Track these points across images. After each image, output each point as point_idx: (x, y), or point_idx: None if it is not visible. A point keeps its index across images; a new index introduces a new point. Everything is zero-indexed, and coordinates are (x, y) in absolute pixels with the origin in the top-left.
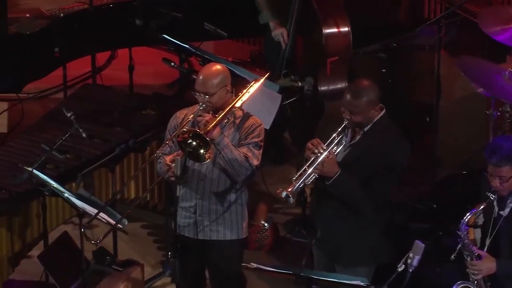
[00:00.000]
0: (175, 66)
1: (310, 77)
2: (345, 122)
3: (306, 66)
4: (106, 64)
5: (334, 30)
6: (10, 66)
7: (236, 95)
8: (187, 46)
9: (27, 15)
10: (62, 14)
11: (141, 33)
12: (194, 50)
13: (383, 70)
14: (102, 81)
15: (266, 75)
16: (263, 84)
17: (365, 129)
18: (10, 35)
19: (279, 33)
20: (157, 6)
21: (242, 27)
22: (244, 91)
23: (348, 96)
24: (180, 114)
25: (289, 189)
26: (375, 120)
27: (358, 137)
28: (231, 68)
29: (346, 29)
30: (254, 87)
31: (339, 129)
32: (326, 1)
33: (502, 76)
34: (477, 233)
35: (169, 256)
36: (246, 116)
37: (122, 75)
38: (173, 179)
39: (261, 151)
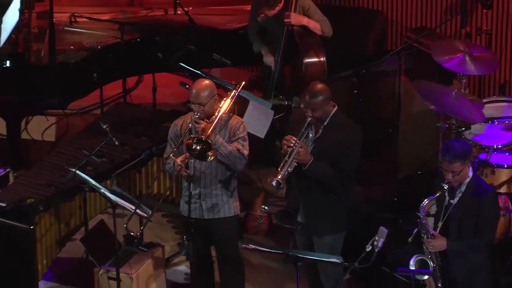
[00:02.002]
0: (189, 88)
1: (297, 96)
2: (309, 119)
3: (293, 87)
4: (134, 87)
5: (313, 60)
6: (57, 88)
7: (219, 102)
8: (199, 72)
9: (72, 47)
10: (99, 47)
11: (163, 62)
12: (205, 76)
13: (355, 92)
14: (131, 100)
15: (242, 84)
16: (259, 102)
17: (325, 123)
18: (58, 63)
19: (269, 61)
20: (175, 41)
21: (243, 57)
22: (226, 99)
23: (307, 97)
24: (178, 122)
25: (278, 177)
26: (331, 114)
27: (320, 131)
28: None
29: (322, 59)
30: (232, 95)
31: (305, 125)
32: (306, 36)
33: (450, 96)
34: (430, 221)
35: (184, 239)
36: (230, 117)
37: (147, 96)
38: (185, 174)
39: (247, 142)
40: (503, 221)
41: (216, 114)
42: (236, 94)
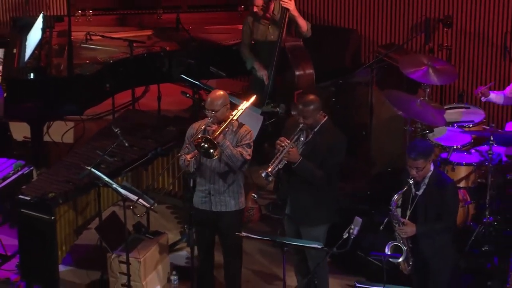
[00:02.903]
0: (189, 96)
1: (283, 104)
2: (301, 125)
3: (284, 96)
4: (142, 95)
5: (302, 72)
6: (75, 97)
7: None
8: (198, 82)
9: (87, 61)
10: (111, 61)
11: (166, 74)
12: (202, 86)
13: (333, 99)
14: (139, 107)
15: (252, 98)
16: (251, 109)
17: (315, 129)
18: (75, 75)
19: (262, 74)
20: (177, 55)
21: (235, 70)
22: (237, 109)
23: (300, 106)
24: (195, 125)
25: (268, 170)
26: (321, 123)
27: (310, 136)
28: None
29: (311, 71)
30: (244, 106)
31: (298, 130)
32: (297, 52)
33: (416, 103)
34: (399, 211)
35: (185, 228)
36: (240, 125)
37: (153, 103)
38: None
39: (251, 148)
40: (462, 211)
41: (226, 120)
42: (246, 107)
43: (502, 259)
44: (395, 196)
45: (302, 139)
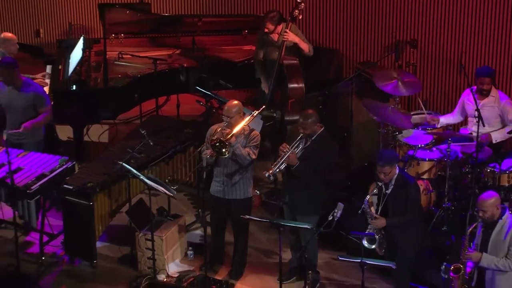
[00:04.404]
0: (203, 104)
1: (279, 110)
2: (301, 134)
3: (280, 104)
4: (164, 103)
5: (295, 85)
6: (109, 105)
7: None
8: (209, 93)
9: (119, 75)
10: (139, 75)
11: (184, 86)
12: (214, 95)
13: (320, 107)
14: (161, 113)
15: (262, 108)
16: (251, 113)
17: (313, 138)
18: (110, 87)
19: (264, 86)
20: (193, 71)
21: (240, 82)
22: (249, 116)
23: (301, 119)
24: (214, 127)
25: (270, 171)
26: (318, 133)
27: (308, 143)
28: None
29: (301, 85)
30: (255, 114)
31: (298, 138)
32: (292, 69)
33: (387, 110)
34: (374, 206)
35: (199, 211)
36: (251, 130)
37: (173, 110)
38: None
39: (257, 150)
40: (426, 198)
41: (238, 125)
42: (256, 114)
43: (458, 237)
44: (368, 197)
45: (301, 145)
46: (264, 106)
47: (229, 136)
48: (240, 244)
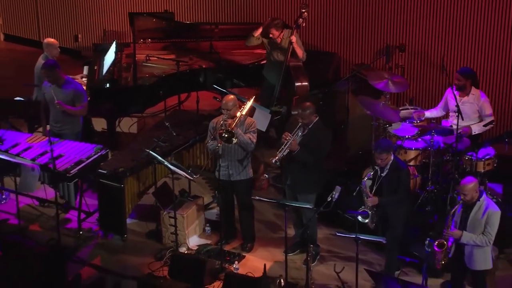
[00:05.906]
0: (219, 100)
1: (285, 105)
2: (300, 123)
3: (286, 100)
4: (185, 99)
5: (300, 84)
6: (138, 100)
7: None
8: (225, 90)
9: (147, 75)
10: (163, 75)
11: (202, 84)
12: (229, 93)
13: (320, 103)
14: (183, 108)
15: (252, 98)
16: (263, 109)
17: (310, 126)
18: (138, 85)
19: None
20: (210, 71)
21: (251, 81)
22: (244, 106)
23: (300, 111)
24: (214, 120)
25: (276, 158)
26: (314, 121)
27: (306, 131)
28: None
29: (306, 83)
30: (248, 104)
31: (297, 127)
32: (297, 69)
33: (379, 105)
34: (369, 187)
35: (216, 193)
36: (246, 117)
37: (193, 105)
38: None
39: (256, 134)
40: (412, 182)
41: (237, 115)
42: (250, 103)
43: (440, 216)
44: (365, 178)
45: (300, 133)
46: (254, 96)
47: (233, 125)
48: (246, 219)
